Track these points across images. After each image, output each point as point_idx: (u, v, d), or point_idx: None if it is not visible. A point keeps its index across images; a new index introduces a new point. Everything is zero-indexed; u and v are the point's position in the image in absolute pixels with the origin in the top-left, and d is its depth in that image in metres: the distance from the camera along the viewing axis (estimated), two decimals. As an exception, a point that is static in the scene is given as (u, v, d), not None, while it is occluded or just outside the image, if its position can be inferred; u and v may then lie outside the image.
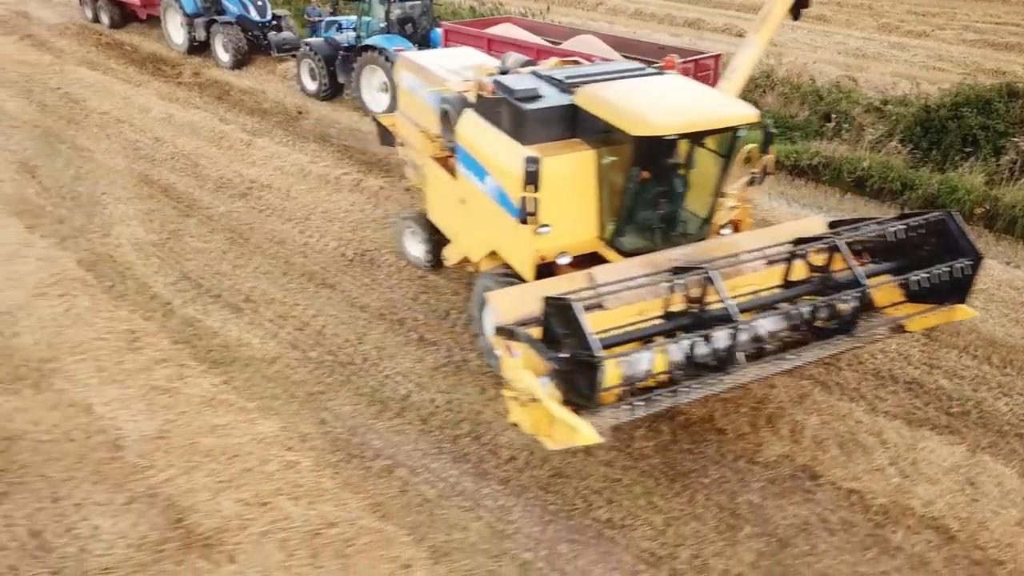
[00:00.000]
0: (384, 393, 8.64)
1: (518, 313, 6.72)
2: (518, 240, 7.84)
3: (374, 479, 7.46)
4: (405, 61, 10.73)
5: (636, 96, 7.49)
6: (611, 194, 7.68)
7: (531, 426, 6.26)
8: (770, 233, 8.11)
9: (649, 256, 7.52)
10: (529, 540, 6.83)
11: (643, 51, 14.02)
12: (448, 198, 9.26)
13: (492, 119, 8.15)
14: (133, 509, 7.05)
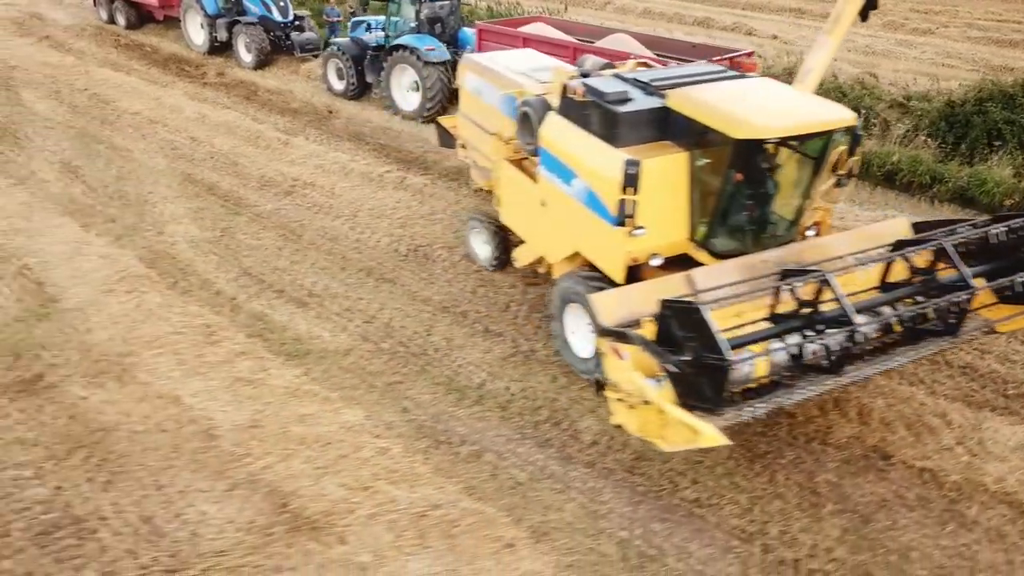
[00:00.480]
0: (460, 382, 8.91)
1: (620, 315, 6.85)
2: (608, 242, 7.89)
3: (464, 464, 7.73)
4: (470, 63, 10.87)
5: (735, 99, 7.50)
6: (703, 196, 7.75)
7: (639, 428, 6.37)
8: (861, 235, 8.24)
9: (744, 259, 7.62)
10: (623, 519, 7.12)
11: (676, 49, 14.34)
12: (525, 200, 9.32)
13: (580, 122, 8.19)
14: (236, 495, 7.27)
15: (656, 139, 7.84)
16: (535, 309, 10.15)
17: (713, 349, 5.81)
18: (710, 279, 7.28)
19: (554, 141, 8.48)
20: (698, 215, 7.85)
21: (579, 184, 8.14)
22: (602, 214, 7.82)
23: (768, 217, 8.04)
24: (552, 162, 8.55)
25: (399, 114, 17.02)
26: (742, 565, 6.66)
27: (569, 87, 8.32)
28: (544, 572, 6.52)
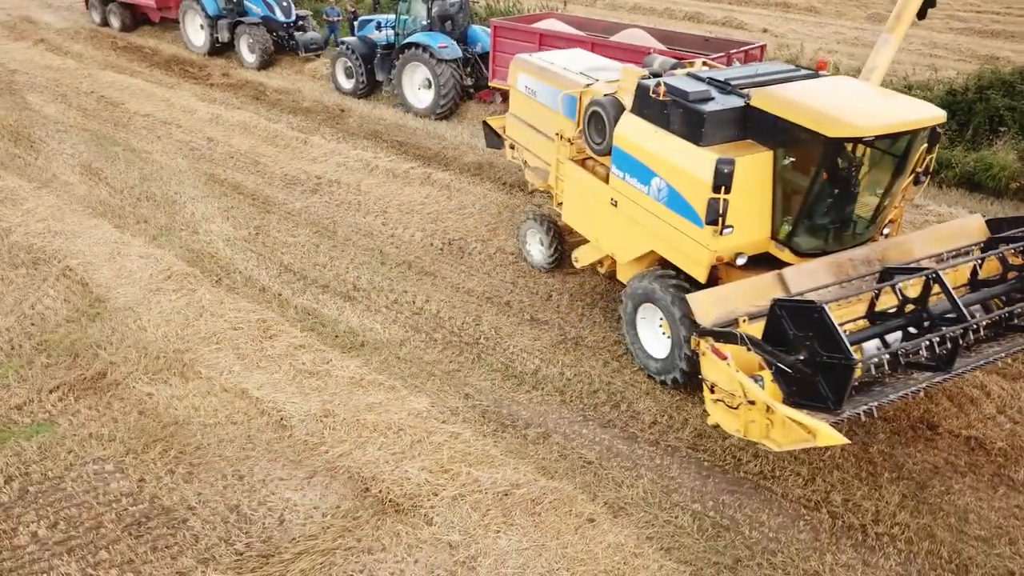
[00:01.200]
0: (516, 368, 9.18)
1: (717, 315, 6.92)
2: (692, 242, 7.85)
3: (533, 445, 8.00)
4: (523, 64, 10.83)
5: (824, 98, 7.45)
6: (787, 194, 7.73)
7: (742, 429, 6.38)
8: (938, 235, 8.35)
9: (831, 257, 7.68)
10: (693, 493, 7.44)
11: (689, 43, 14.70)
12: (592, 200, 9.26)
13: (660, 121, 8.14)
14: (316, 482, 7.47)
15: (738, 138, 7.83)
16: (576, 298, 10.44)
17: (836, 349, 5.81)
18: (802, 278, 7.31)
19: (631, 141, 8.43)
20: (781, 213, 7.84)
21: (660, 184, 8.12)
22: (686, 214, 7.82)
23: (851, 216, 8.04)
24: (628, 162, 8.51)
25: (411, 112, 17.20)
26: (813, 531, 7.01)
27: (648, 86, 8.24)
28: (626, 544, 6.80)
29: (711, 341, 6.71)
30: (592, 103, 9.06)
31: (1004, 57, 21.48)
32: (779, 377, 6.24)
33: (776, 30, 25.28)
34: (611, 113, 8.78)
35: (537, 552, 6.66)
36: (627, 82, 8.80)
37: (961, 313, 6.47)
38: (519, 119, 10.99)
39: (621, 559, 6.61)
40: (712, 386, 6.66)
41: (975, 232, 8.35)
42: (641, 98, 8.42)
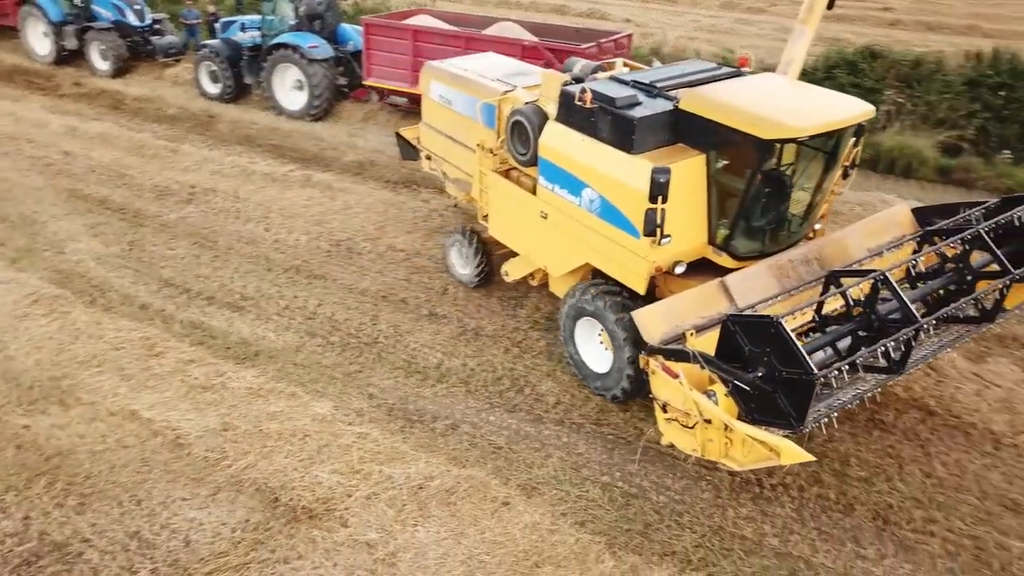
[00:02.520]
0: (418, 364, 9.17)
1: (664, 331, 6.73)
2: (630, 253, 7.58)
3: (442, 437, 8.03)
4: (435, 71, 10.35)
5: (754, 99, 7.30)
6: (722, 198, 7.54)
7: (699, 448, 6.24)
8: (871, 227, 8.28)
9: (772, 260, 7.54)
10: (601, 466, 7.69)
11: (560, 35, 15.05)
12: (520, 213, 8.89)
13: (587, 130, 7.84)
14: (222, 498, 7.22)
15: (669, 143, 7.60)
16: (472, 290, 10.52)
17: (795, 364, 5.64)
18: (745, 285, 7.21)
19: (558, 151, 8.11)
20: (717, 218, 7.64)
21: (591, 195, 7.81)
22: (621, 225, 7.56)
23: (786, 215, 7.88)
24: (556, 173, 8.18)
25: (284, 114, 16.76)
26: (714, 489, 7.39)
27: (572, 94, 7.88)
28: (542, 523, 6.95)
29: (661, 359, 6.50)
30: (514, 112, 8.63)
31: (846, 39, 23.08)
32: (736, 394, 6.06)
33: (638, 20, 26.17)
34: (534, 122, 8.39)
35: (456, 540, 6.72)
36: (549, 89, 8.45)
37: (912, 315, 6.32)
38: (434, 129, 10.53)
39: (538, 537, 6.76)
40: (664, 405, 6.50)
41: (904, 223, 8.42)
42: (566, 106, 8.07)
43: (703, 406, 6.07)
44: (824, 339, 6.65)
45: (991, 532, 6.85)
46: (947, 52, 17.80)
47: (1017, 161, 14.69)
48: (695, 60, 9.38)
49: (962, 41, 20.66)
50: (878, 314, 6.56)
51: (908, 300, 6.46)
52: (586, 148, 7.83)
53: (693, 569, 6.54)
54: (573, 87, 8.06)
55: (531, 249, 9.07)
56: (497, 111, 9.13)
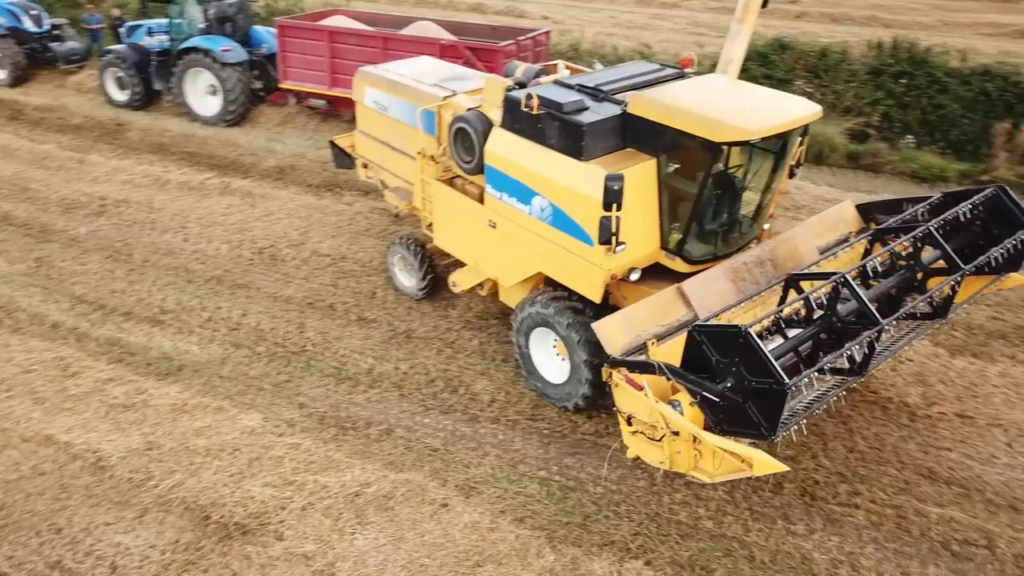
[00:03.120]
0: (349, 370, 9.03)
1: (626, 341, 6.58)
2: (584, 262, 7.41)
3: (377, 443, 7.93)
4: (369, 76, 10.05)
5: (704, 101, 7.23)
6: (673, 202, 7.44)
7: (666, 460, 6.12)
8: (820, 225, 8.27)
9: (728, 264, 7.46)
10: (538, 461, 7.72)
11: (478, 33, 15.03)
12: (467, 222, 8.63)
13: (534, 136, 7.65)
14: (149, 520, 6.97)
15: (618, 148, 7.47)
16: (402, 292, 10.41)
17: (766, 373, 5.52)
18: (702, 290, 7.13)
19: (505, 159, 7.87)
20: (669, 222, 7.55)
21: (542, 203, 7.61)
22: (574, 233, 7.38)
23: (738, 217, 7.85)
24: (504, 181, 7.95)
25: (199, 120, 16.26)
26: (649, 477, 7.50)
27: (518, 99, 7.66)
28: (481, 522, 6.94)
29: (625, 372, 6.34)
30: (456, 119, 8.39)
31: (756, 32, 23.85)
32: (704, 405, 5.94)
33: (556, 17, 26.38)
34: (479, 129, 8.16)
35: (395, 546, 6.65)
36: (492, 94, 8.26)
37: (874, 317, 6.28)
38: (370, 137, 10.26)
39: (478, 536, 6.75)
40: (629, 418, 6.35)
41: (851, 220, 8.51)
42: (511, 112, 7.84)
43: (670, 418, 5.93)
44: (788, 344, 6.49)
45: (910, 500, 7.16)
46: (851, 42, 18.54)
47: (920, 145, 15.42)
48: (638, 61, 9.15)
49: (864, 32, 21.53)
50: (839, 316, 6.50)
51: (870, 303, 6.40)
52: (534, 155, 7.63)
53: (632, 557, 6.62)
54: (517, 92, 7.87)
55: (480, 259, 8.79)
56: (437, 117, 8.92)
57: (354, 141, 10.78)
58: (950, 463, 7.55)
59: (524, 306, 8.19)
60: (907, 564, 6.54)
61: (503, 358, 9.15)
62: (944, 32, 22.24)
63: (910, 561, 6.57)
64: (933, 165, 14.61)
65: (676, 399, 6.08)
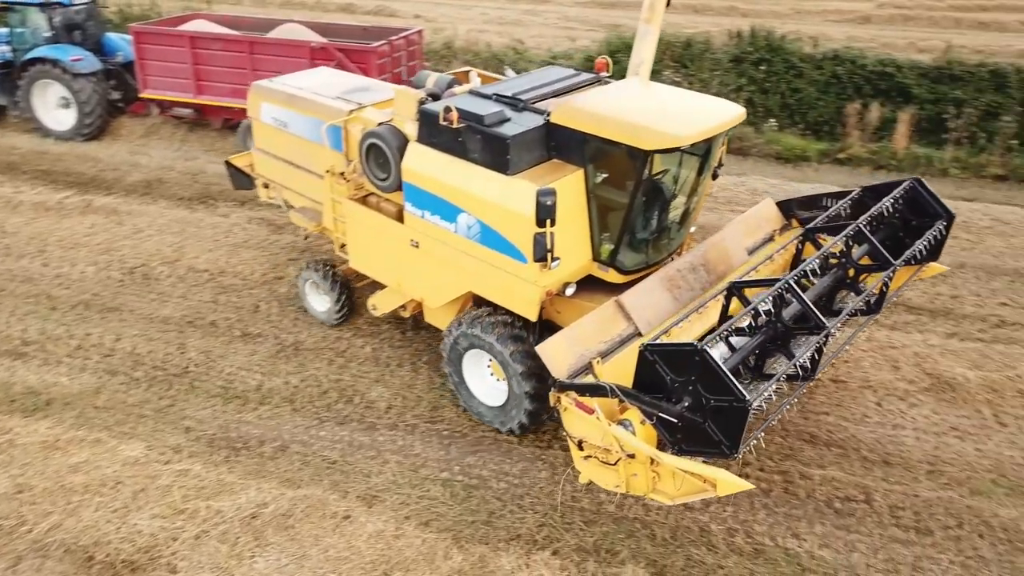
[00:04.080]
0: (236, 389, 8.68)
1: (572, 363, 6.34)
2: (517, 279, 7.09)
3: (272, 461, 7.66)
4: (265, 91, 9.45)
5: (629, 108, 7.08)
6: (603, 213, 7.26)
7: (622, 484, 5.93)
8: (746, 226, 8.22)
9: (663, 273, 7.31)
10: (440, 463, 7.66)
11: (348, 34, 14.74)
12: (387, 243, 8.18)
13: (455, 151, 7.29)
14: (25, 568, 6.47)
15: (543, 159, 7.20)
16: (286, 303, 10.13)
17: (725, 391, 5.40)
18: (641, 301, 6.98)
19: (425, 175, 7.49)
20: (599, 233, 7.33)
21: (469, 220, 7.26)
22: (505, 250, 7.06)
23: (666, 223, 7.72)
24: (425, 198, 7.57)
25: (52, 136, 15.21)
26: (550, 468, 7.59)
27: (434, 112, 7.29)
28: (386, 530, 6.83)
29: (574, 395, 6.08)
30: (368, 135, 7.94)
31: (624, 25, 24.50)
32: (660, 425, 5.77)
33: (428, 15, 26.26)
34: (393, 145, 7.74)
35: (299, 564, 6.45)
36: (404, 107, 7.85)
37: (821, 321, 6.29)
38: (270, 155, 9.63)
39: (384, 545, 6.65)
40: (580, 442, 6.10)
41: (772, 218, 8.53)
42: (428, 126, 7.47)
43: (625, 441, 5.71)
44: (738, 356, 6.42)
45: (795, 465, 7.55)
46: (713, 32, 19.35)
47: (782, 128, 16.27)
48: (552, 67, 8.77)
49: (724, 21, 22.54)
50: (785, 323, 6.47)
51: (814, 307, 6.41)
52: (456, 171, 7.28)
53: (539, 548, 6.68)
54: (433, 105, 7.53)
55: (402, 280, 8.34)
56: (344, 133, 8.50)
57: (252, 160, 10.14)
58: (828, 426, 8.01)
59: (454, 329, 7.83)
60: (796, 526, 6.90)
61: (397, 363, 9.04)
62: (797, 20, 23.58)
63: (799, 523, 6.93)
64: (795, 146, 15.45)
65: (626, 419, 5.88)
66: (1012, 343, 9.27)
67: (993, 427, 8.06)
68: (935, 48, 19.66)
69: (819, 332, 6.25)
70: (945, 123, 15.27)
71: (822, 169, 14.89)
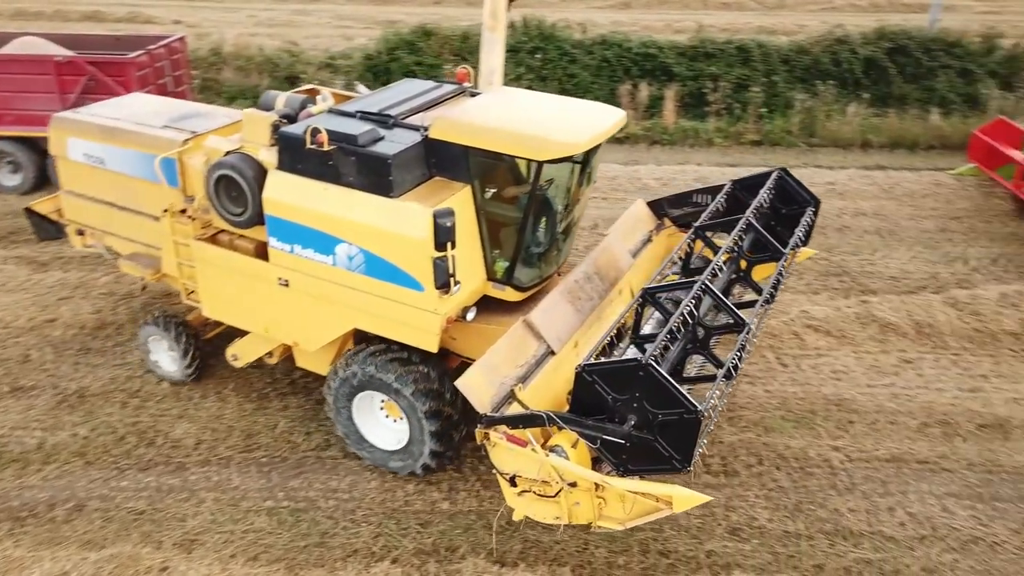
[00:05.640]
0: (13, 451, 7.71)
1: (493, 395, 5.95)
2: (413, 310, 6.61)
3: (67, 525, 6.89)
4: (71, 124, 8.33)
5: (513, 118, 6.83)
6: (494, 230, 6.94)
7: (564, 515, 5.66)
8: (625, 230, 8.13)
9: (562, 286, 7.06)
10: (262, 493, 7.25)
11: (99, 45, 13.46)
12: (247, 284, 7.37)
13: (326, 176, 6.66)
14: None
15: (425, 178, 6.80)
16: (61, 348, 9.16)
17: (674, 404, 5.22)
18: (548, 318, 6.66)
19: (292, 206, 6.79)
20: (491, 251, 7.01)
21: (350, 251, 6.66)
22: (397, 280, 6.56)
23: (557, 235, 7.47)
24: (294, 231, 6.86)
25: None
26: (380, 477, 7.43)
27: (297, 136, 6.64)
28: (212, 573, 6.37)
29: (504, 429, 5.71)
30: (216, 166, 7.10)
31: (400, 20, 24.39)
32: (605, 448, 5.53)
33: (188, 20, 24.66)
34: (249, 175, 6.96)
35: (114, 633, 5.85)
36: (255, 132, 7.16)
37: (739, 318, 6.26)
38: (85, 197, 8.50)
39: (211, 591, 6.20)
40: (513, 478, 5.74)
41: (646, 218, 8.52)
42: (291, 151, 6.78)
43: (565, 469, 5.47)
44: (667, 364, 6.22)
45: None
46: (487, 24, 19.75)
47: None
48: (410, 80, 8.30)
49: (497, 13, 23.08)
50: (705, 324, 6.44)
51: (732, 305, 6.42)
52: (330, 198, 6.66)
53: (377, 560, 6.53)
54: (294, 128, 6.88)
55: (271, 324, 7.53)
56: (180, 166, 7.67)
57: (60, 204, 8.87)
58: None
59: (341, 370, 7.17)
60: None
61: (201, 395, 8.46)
62: (563, 8, 24.66)
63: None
64: (576, 129, 16.18)
65: (556, 445, 5.62)
66: (783, 290, 10.31)
67: (776, 368, 8.95)
68: (689, 28, 21.44)
69: (740, 329, 6.23)
70: (705, 97, 16.66)
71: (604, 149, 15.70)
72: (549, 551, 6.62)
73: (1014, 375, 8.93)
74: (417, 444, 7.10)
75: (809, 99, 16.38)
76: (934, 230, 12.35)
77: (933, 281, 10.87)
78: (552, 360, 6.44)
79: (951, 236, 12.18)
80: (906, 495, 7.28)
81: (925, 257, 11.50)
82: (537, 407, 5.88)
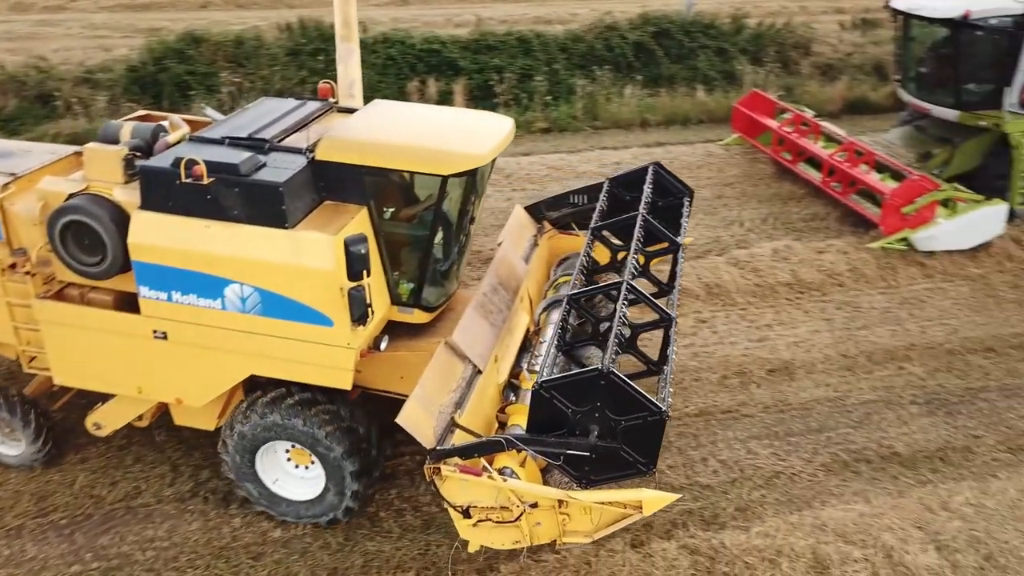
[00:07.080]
0: None
1: (436, 426, 5.67)
2: (322, 347, 6.14)
3: None
4: None
5: (407, 133, 6.65)
6: (394, 251, 6.68)
7: (524, 538, 5.57)
8: (514, 236, 8.06)
9: (474, 302, 6.85)
10: (65, 557, 6.55)
11: None
12: (111, 342, 6.55)
13: (205, 212, 6.02)
14: None
15: (316, 204, 6.35)
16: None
17: (637, 407, 5.22)
18: (469, 337, 6.45)
19: (166, 248, 6.10)
20: (393, 273, 6.71)
21: (241, 291, 6.08)
22: (302, 317, 6.06)
23: (459, 248, 7.30)
24: (169, 277, 6.17)
25: None
26: (201, 515, 6.97)
27: (164, 170, 5.99)
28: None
29: (456, 461, 5.48)
30: (60, 212, 6.19)
31: (164, 27, 22.74)
32: (567, 463, 5.41)
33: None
34: (105, 218, 6.15)
35: None
36: (104, 169, 6.34)
37: (664, 313, 6.31)
38: None
39: None
40: (467, 509, 5.54)
41: (527, 223, 8.46)
42: (158, 187, 6.08)
43: (526, 491, 5.39)
44: None
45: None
46: (262, 27, 18.95)
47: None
48: (268, 99, 7.75)
49: (271, 15, 22.17)
50: (631, 323, 6.42)
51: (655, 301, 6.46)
52: (213, 236, 6.04)
53: (209, 607, 6.12)
54: (155, 161, 6.23)
55: (144, 383, 6.75)
56: (0, 214, 6.61)
57: None
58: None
59: (237, 424, 6.54)
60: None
61: (-24, 459, 7.46)
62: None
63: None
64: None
65: (504, 466, 5.48)
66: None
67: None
68: (468, 22, 21.78)
69: (665, 323, 6.34)
70: (492, 89, 17.03)
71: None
72: (392, 558, 6.51)
73: (792, 321, 9.98)
74: (335, 489, 6.65)
75: (589, 84, 17.22)
76: (711, 197, 13.44)
77: (716, 244, 11.85)
78: (479, 380, 6.29)
79: (727, 202, 13.32)
80: (715, 444, 7.91)
81: (707, 223, 12.50)
82: (477, 430, 5.79)
